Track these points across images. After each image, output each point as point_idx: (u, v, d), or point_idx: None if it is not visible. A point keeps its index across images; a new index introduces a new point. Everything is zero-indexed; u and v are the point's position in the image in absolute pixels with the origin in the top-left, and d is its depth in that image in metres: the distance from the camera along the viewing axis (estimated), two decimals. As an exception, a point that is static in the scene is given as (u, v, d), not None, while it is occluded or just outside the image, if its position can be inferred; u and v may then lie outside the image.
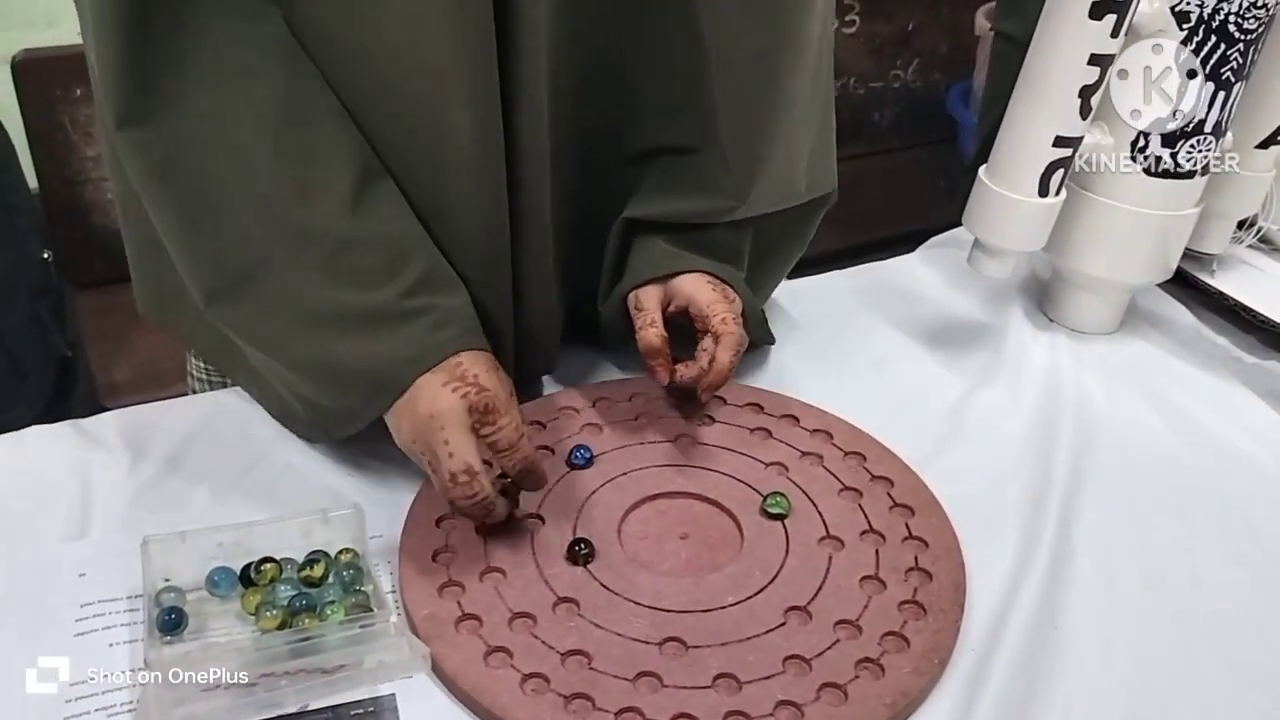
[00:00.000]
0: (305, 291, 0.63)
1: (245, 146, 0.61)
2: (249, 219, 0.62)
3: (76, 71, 1.59)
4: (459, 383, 0.61)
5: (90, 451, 0.72)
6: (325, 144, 0.63)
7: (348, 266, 0.63)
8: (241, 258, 0.63)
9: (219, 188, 0.62)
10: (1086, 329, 0.92)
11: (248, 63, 0.61)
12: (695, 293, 0.73)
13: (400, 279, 0.63)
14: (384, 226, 0.64)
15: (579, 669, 0.57)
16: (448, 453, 0.60)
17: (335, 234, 0.62)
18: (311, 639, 0.54)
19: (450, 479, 0.60)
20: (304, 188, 0.62)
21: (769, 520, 0.68)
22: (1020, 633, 0.62)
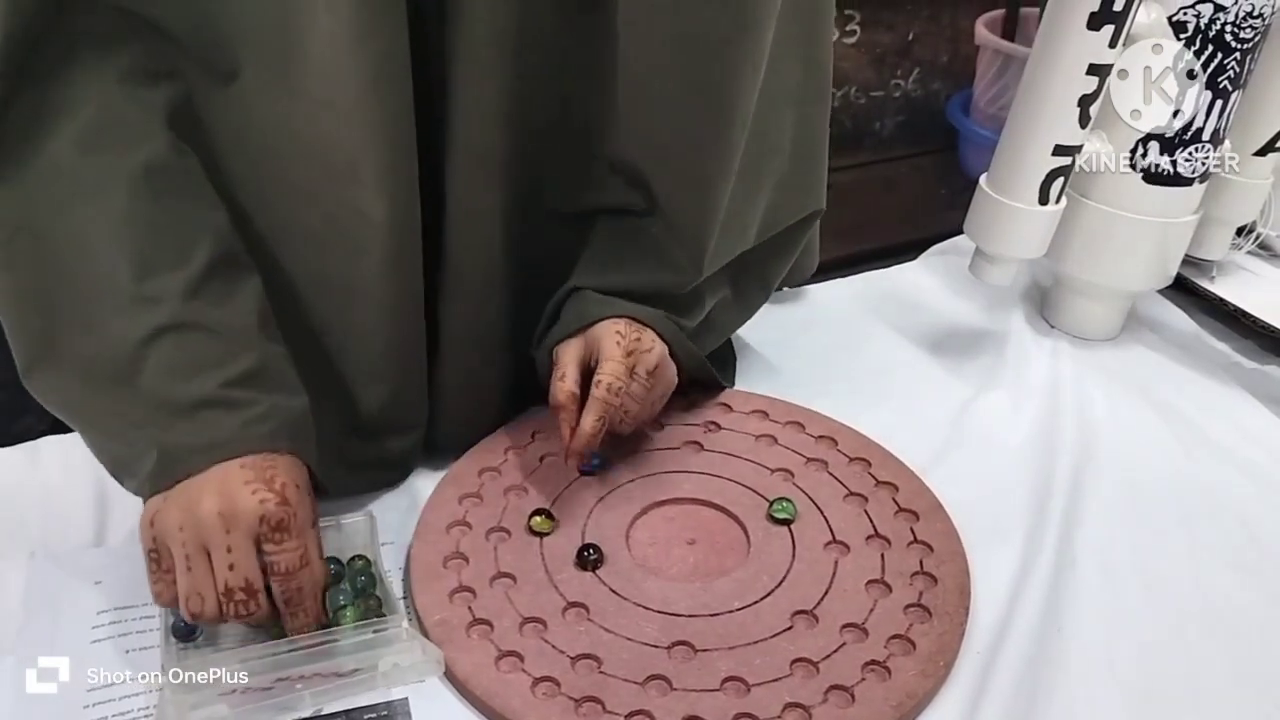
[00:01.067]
0: (121, 367, 0.58)
1: (100, 218, 0.58)
2: (84, 289, 0.58)
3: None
4: (263, 486, 0.56)
5: (105, 461, 0.73)
6: (184, 222, 0.60)
7: (173, 346, 0.58)
8: (63, 327, 0.58)
9: (61, 255, 0.58)
10: (1088, 335, 0.93)
11: (125, 126, 0.59)
12: (603, 341, 0.68)
13: (229, 370, 0.59)
14: (224, 316, 0.60)
15: (589, 672, 0.58)
16: (228, 563, 0.54)
17: (167, 310, 0.58)
18: (325, 643, 0.55)
19: (225, 592, 0.55)
20: (148, 260, 0.58)
21: (775, 525, 0.69)
22: (1025, 635, 0.62)
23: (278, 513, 0.55)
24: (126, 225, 0.58)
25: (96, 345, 0.58)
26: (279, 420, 0.59)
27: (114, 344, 0.58)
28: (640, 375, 0.69)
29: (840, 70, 2.23)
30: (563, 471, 0.72)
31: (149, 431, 0.58)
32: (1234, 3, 0.77)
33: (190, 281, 0.59)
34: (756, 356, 0.89)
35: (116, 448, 0.60)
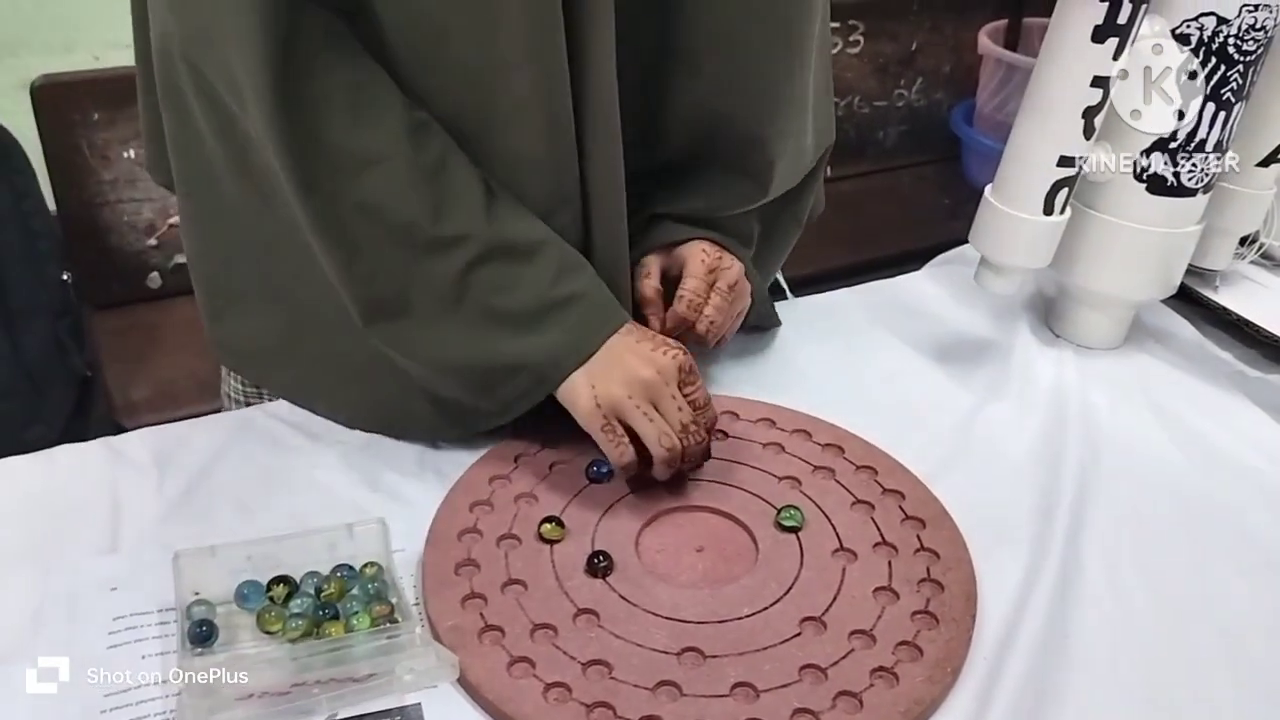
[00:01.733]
0: (460, 299, 0.68)
1: (389, 182, 0.66)
2: (393, 245, 0.67)
3: (94, 96, 1.62)
4: (665, 345, 0.69)
5: (119, 469, 0.74)
6: (448, 158, 0.68)
7: (498, 269, 0.68)
8: (391, 279, 0.68)
9: (363, 226, 0.67)
10: (1092, 344, 0.93)
11: (375, 100, 0.66)
12: (689, 259, 0.79)
13: (547, 271, 0.69)
14: (516, 225, 0.69)
15: (600, 678, 0.58)
16: (676, 406, 0.69)
17: (477, 241, 0.67)
18: (340, 649, 0.56)
19: (682, 429, 0.69)
20: (439, 205, 0.67)
21: (783, 533, 0.69)
22: (1031, 642, 0.63)
23: (687, 360, 0.70)
24: (409, 181, 0.66)
25: (426, 284, 0.68)
26: (606, 296, 0.71)
27: (439, 282, 0.68)
28: (722, 289, 0.78)
29: (844, 80, 2.25)
30: (573, 479, 0.73)
31: (514, 339, 0.69)
32: (1237, 15, 0.78)
33: (481, 210, 0.68)
34: (764, 365, 0.90)
35: (485, 360, 0.70)
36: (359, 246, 0.68)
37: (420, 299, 0.69)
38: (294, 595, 0.62)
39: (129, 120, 1.63)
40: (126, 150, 1.66)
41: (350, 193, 0.66)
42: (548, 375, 0.69)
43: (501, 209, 0.69)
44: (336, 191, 0.66)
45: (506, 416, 0.73)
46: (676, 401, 0.69)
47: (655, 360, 0.68)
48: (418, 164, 0.66)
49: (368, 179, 0.66)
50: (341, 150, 0.65)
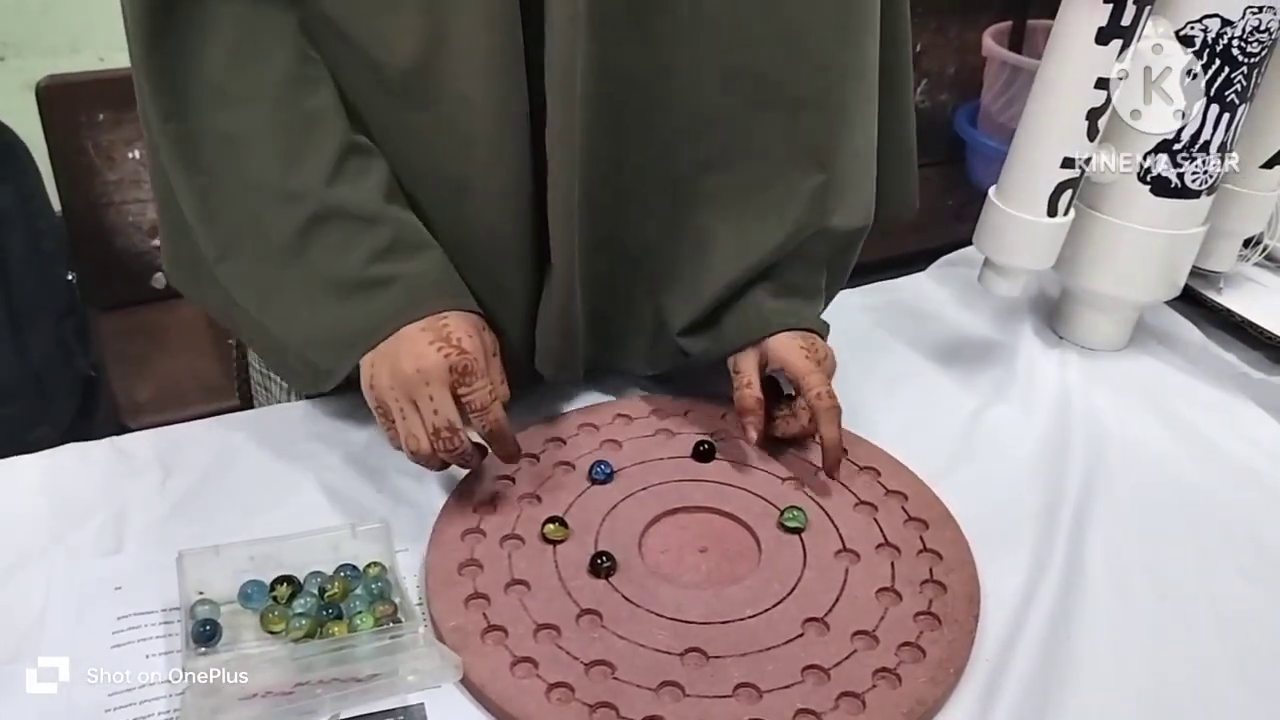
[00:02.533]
0: (287, 256, 0.68)
1: (251, 123, 0.68)
2: (243, 186, 0.68)
3: (99, 97, 1.62)
4: (443, 343, 0.66)
5: (124, 469, 0.74)
6: (318, 117, 0.69)
7: (324, 234, 0.68)
8: (238, 222, 0.69)
9: (219, 159, 0.68)
10: (1096, 346, 0.93)
11: (262, 43, 0.67)
12: (788, 357, 0.75)
13: (371, 247, 0.68)
14: (355, 195, 0.68)
15: (603, 679, 0.59)
16: (432, 409, 0.66)
17: (314, 200, 0.68)
18: (344, 649, 0.56)
19: (433, 433, 0.66)
20: (290, 157, 0.68)
21: (786, 534, 0.69)
22: (1034, 643, 0.63)
23: (460, 361, 0.66)
24: (271, 128, 0.68)
25: (265, 236, 0.68)
26: (426, 284, 0.69)
27: (278, 234, 0.68)
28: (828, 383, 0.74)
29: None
30: (576, 480, 0.73)
31: (327, 309, 0.68)
32: (1241, 17, 0.78)
33: (326, 172, 0.68)
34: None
35: (303, 326, 0.70)
36: (214, 181, 0.68)
37: (261, 244, 0.69)
38: (297, 595, 0.62)
39: (134, 121, 1.62)
40: (131, 151, 1.66)
41: (214, 125, 0.67)
42: (340, 357, 0.69)
43: (350, 176, 0.69)
44: (200, 123, 0.67)
45: (319, 389, 0.73)
46: (434, 404, 0.65)
47: (423, 356, 0.66)
48: (286, 113, 0.68)
49: (234, 115, 0.67)
50: (212, 84, 0.67)
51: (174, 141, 0.68)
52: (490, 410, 0.67)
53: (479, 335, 0.69)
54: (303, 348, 0.71)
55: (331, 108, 0.69)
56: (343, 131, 0.69)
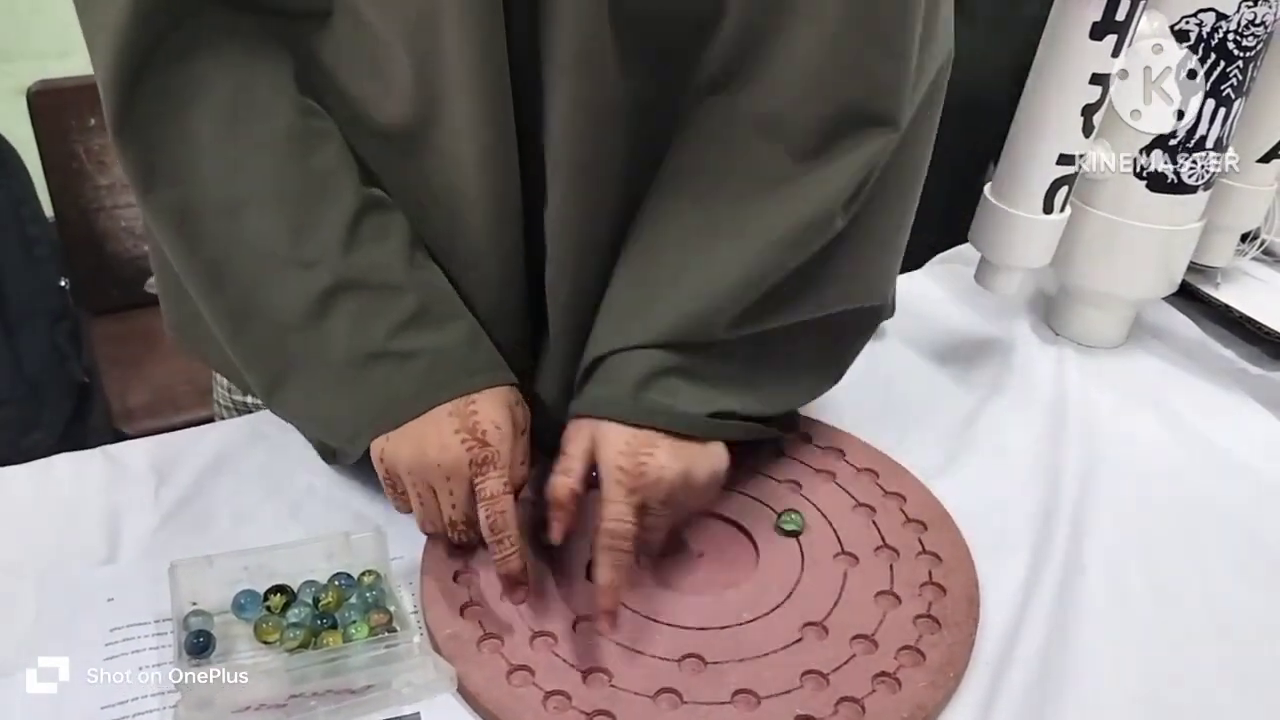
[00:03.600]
0: (301, 330, 0.64)
1: (254, 188, 0.63)
2: (252, 257, 0.63)
3: (90, 102, 1.61)
4: (467, 434, 0.62)
5: (117, 478, 0.73)
6: (328, 177, 0.64)
7: (342, 306, 0.63)
8: (244, 294, 0.64)
9: (223, 230, 0.63)
10: (1093, 343, 0.93)
11: (258, 98, 0.62)
12: (602, 474, 0.63)
13: (399, 316, 0.64)
14: (372, 263, 0.64)
15: (600, 686, 0.58)
16: (450, 503, 0.64)
17: (329, 270, 0.63)
18: (338, 659, 0.55)
19: (449, 524, 0.64)
20: (301, 226, 0.63)
21: (784, 537, 0.69)
22: (1034, 646, 0.62)
23: (481, 454, 0.62)
24: (276, 192, 0.63)
25: (277, 309, 0.64)
26: (454, 360, 0.65)
27: (290, 307, 0.63)
28: (654, 508, 0.62)
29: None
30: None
31: (345, 388, 0.64)
32: (1236, 11, 0.77)
33: (341, 238, 0.63)
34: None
35: (318, 407, 0.66)
36: (215, 255, 0.64)
37: (274, 316, 0.64)
38: (291, 605, 0.61)
39: (126, 125, 1.63)
40: (124, 156, 1.66)
41: (211, 194, 0.62)
42: (357, 433, 0.65)
43: (367, 240, 0.64)
44: (195, 192, 0.62)
45: (351, 456, 0.68)
46: (453, 499, 0.63)
47: (446, 449, 0.62)
48: (292, 174, 0.63)
49: (234, 181, 0.62)
50: (205, 148, 0.62)
51: (165, 213, 0.63)
52: (498, 501, 0.61)
53: (509, 416, 0.64)
54: (316, 429, 0.69)
55: (342, 165, 0.64)
56: (356, 190, 0.64)
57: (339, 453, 0.70)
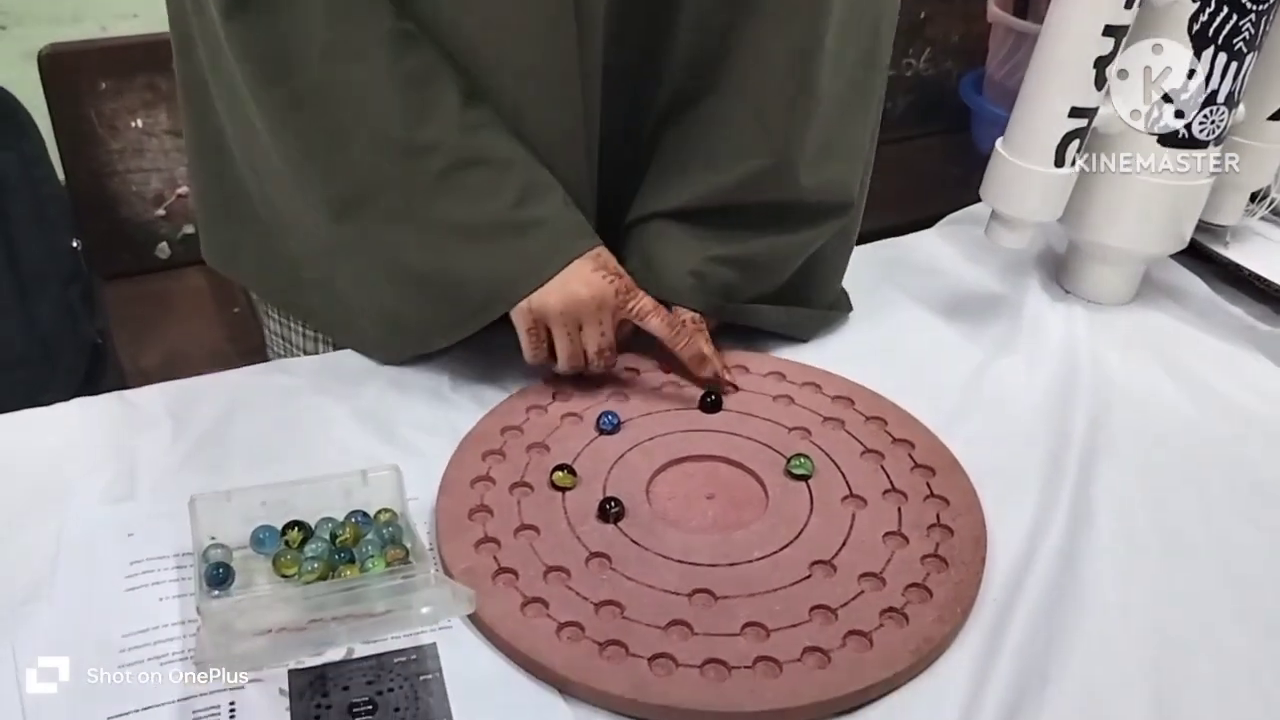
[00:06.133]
0: (426, 206, 0.70)
1: (368, 77, 0.68)
2: (367, 140, 0.69)
3: (102, 65, 1.62)
4: (604, 270, 0.72)
5: (134, 421, 0.74)
6: (434, 67, 0.69)
7: (463, 182, 0.70)
8: (362, 177, 0.70)
9: (340, 114, 0.68)
10: (1102, 300, 0.93)
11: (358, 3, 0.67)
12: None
13: (513, 190, 0.70)
14: (489, 140, 0.70)
15: (612, 618, 0.59)
16: (599, 332, 0.74)
17: (450, 151, 0.69)
18: (356, 589, 0.56)
19: (597, 352, 0.75)
20: (419, 109, 0.68)
21: (793, 481, 0.70)
22: (1040, 585, 0.63)
23: (623, 283, 0.73)
24: (390, 82, 0.68)
25: (397, 189, 0.70)
26: (574, 223, 0.73)
27: (411, 186, 0.70)
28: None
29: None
30: (583, 431, 0.74)
31: (477, 252, 0.71)
32: (1249, -36, 0.77)
33: (455, 122, 0.69)
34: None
35: (449, 271, 0.72)
36: (330, 139, 0.69)
37: (389, 200, 0.70)
38: (309, 540, 0.62)
39: (136, 90, 1.63)
40: (134, 120, 1.66)
41: (329, 81, 0.67)
42: (502, 295, 0.72)
43: (478, 123, 0.70)
44: (311, 80, 0.67)
45: (456, 334, 0.75)
46: (601, 328, 0.73)
47: (593, 283, 0.71)
48: (399, 67, 0.68)
49: (350, 70, 0.67)
50: (320, 41, 0.67)
51: (284, 104, 0.69)
52: (660, 308, 0.75)
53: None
54: (430, 305, 0.74)
55: (441, 59, 0.69)
56: (458, 82, 0.70)
57: (424, 336, 0.77)
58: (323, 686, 0.55)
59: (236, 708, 0.54)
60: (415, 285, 0.74)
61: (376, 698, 0.54)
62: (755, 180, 0.77)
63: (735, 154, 0.76)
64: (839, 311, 0.89)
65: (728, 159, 0.77)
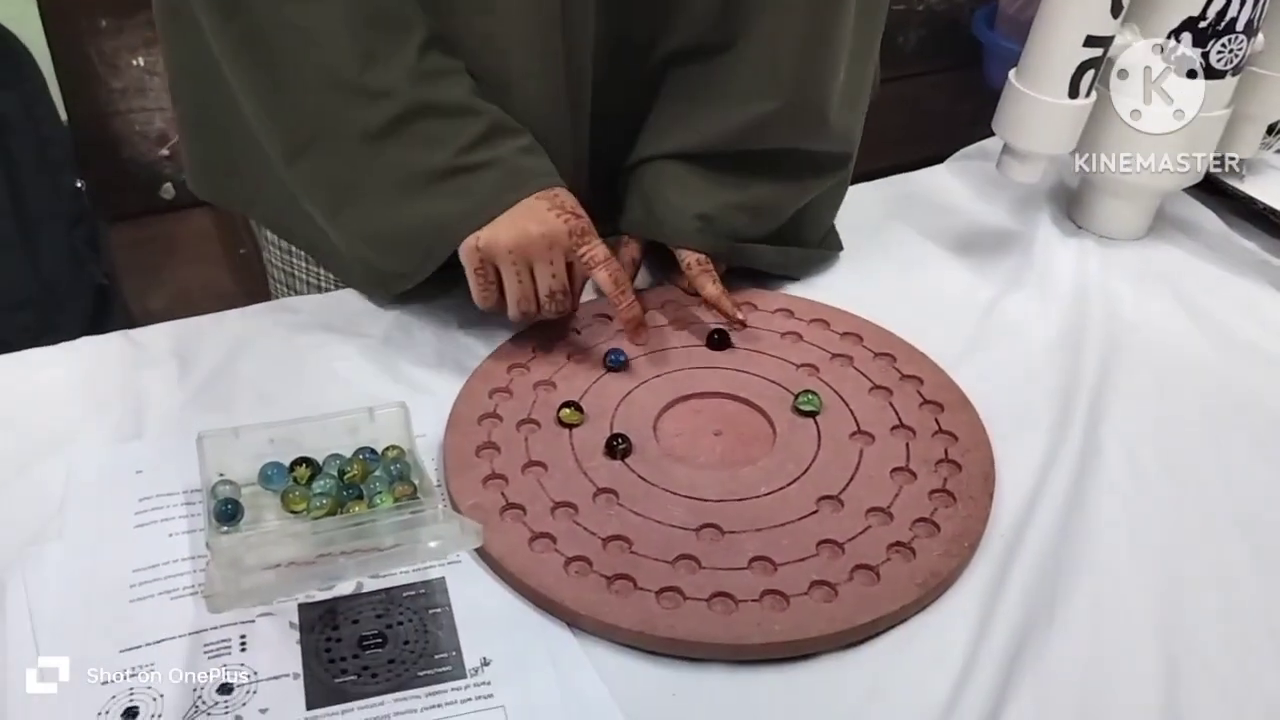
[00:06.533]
0: (370, 151, 0.68)
1: (325, 16, 0.66)
2: (318, 82, 0.67)
3: (100, 3, 1.60)
4: (560, 209, 0.69)
5: (141, 360, 0.74)
6: (397, 10, 0.67)
7: (412, 130, 0.67)
8: (312, 120, 0.68)
9: (292, 53, 0.67)
10: (1116, 235, 0.92)
11: None
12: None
13: (464, 138, 0.68)
14: (442, 90, 0.68)
15: (620, 553, 0.59)
16: (550, 273, 0.70)
17: (399, 98, 0.67)
18: (365, 524, 0.56)
19: (549, 295, 0.71)
20: (373, 53, 0.66)
21: (801, 417, 0.70)
22: (1049, 519, 0.63)
23: (578, 224, 0.70)
24: (346, 23, 0.66)
25: (345, 132, 0.68)
26: (530, 164, 0.70)
27: (358, 130, 0.67)
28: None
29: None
30: (590, 368, 0.73)
31: (420, 200, 0.68)
32: (1272, -115, 0.75)
33: (409, 70, 0.67)
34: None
35: (391, 221, 0.70)
36: (283, 77, 0.67)
37: (339, 144, 0.68)
38: (317, 476, 0.62)
39: (137, 28, 1.61)
40: (135, 59, 1.64)
41: (284, 18, 0.65)
42: (446, 233, 0.69)
43: (435, 70, 0.68)
44: (269, 16, 0.66)
45: (415, 277, 0.73)
46: (553, 268, 0.70)
47: (545, 222, 0.69)
48: (359, 9, 0.66)
49: (306, 9, 0.65)
50: None
51: (239, 39, 0.67)
52: (611, 261, 0.71)
53: (580, 207, 0.72)
54: (384, 247, 0.72)
55: (407, 1, 0.67)
56: (423, 28, 0.68)
57: (391, 279, 0.74)
58: (333, 620, 0.55)
59: (247, 641, 0.54)
60: (367, 230, 0.72)
61: (386, 631, 0.55)
62: (763, 125, 0.75)
63: (745, 97, 0.75)
64: (829, 250, 0.88)
65: (738, 102, 0.75)
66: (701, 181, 0.78)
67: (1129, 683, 0.55)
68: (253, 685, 0.52)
